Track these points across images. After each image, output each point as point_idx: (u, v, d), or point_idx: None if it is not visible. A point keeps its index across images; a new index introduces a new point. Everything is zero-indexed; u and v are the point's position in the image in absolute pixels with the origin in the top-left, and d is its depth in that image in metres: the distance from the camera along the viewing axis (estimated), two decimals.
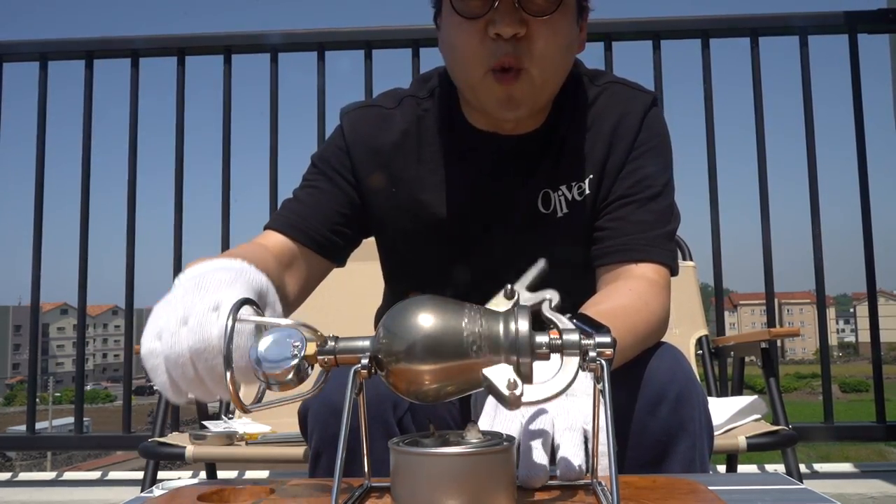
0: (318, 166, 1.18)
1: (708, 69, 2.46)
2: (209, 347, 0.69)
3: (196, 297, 0.72)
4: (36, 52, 2.57)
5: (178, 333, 0.70)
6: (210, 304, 0.71)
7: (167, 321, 0.71)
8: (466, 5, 1.03)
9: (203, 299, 0.71)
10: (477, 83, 1.06)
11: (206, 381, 0.71)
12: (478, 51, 1.03)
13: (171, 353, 0.70)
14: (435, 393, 0.65)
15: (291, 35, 2.57)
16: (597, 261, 1.11)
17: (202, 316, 0.70)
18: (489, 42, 1.02)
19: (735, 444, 1.52)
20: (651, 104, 1.16)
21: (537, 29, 1.02)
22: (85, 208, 2.52)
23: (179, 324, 0.71)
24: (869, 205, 2.40)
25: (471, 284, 1.13)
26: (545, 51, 1.03)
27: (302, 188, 1.18)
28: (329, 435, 0.95)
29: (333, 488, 0.62)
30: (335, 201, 1.15)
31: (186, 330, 0.70)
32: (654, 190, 1.11)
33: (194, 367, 0.70)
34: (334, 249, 1.15)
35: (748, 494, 0.75)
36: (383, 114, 1.17)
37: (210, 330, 0.70)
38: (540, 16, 1.01)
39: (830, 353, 2.51)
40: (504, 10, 1.00)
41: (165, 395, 0.73)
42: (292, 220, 1.13)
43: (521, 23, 1.01)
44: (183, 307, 0.72)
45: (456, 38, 1.06)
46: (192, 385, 0.71)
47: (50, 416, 37.13)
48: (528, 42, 1.02)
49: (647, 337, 1.00)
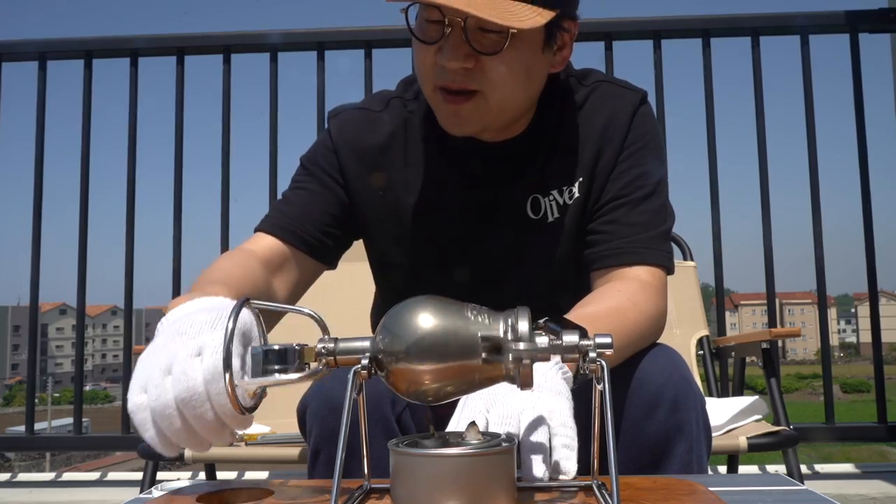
0: (307, 168, 1.17)
1: (708, 69, 2.46)
2: (195, 395, 0.68)
3: (178, 343, 0.70)
4: (35, 52, 2.56)
5: (163, 385, 0.69)
6: (192, 350, 0.69)
7: (151, 372, 0.70)
8: (422, 28, 1.03)
9: (185, 346, 0.70)
10: (430, 97, 1.07)
11: (195, 428, 0.69)
12: (430, 71, 1.03)
13: (158, 405, 0.69)
14: (435, 393, 0.65)
15: (291, 35, 2.57)
16: (591, 265, 1.11)
17: (185, 363, 0.69)
18: (439, 66, 1.01)
19: (736, 444, 1.52)
20: (640, 102, 1.15)
21: (489, 62, 1.00)
22: (84, 208, 2.52)
23: (163, 374, 0.69)
24: (870, 204, 2.40)
25: (460, 288, 1.13)
26: (500, 79, 1.01)
27: (291, 189, 1.17)
28: (328, 431, 0.95)
29: (333, 490, 0.62)
30: (325, 202, 1.14)
31: (171, 380, 0.69)
32: (646, 190, 1.11)
33: (182, 416, 0.69)
34: (325, 251, 1.15)
35: (749, 495, 0.75)
36: (371, 116, 1.17)
37: (194, 377, 0.68)
38: (487, 54, 0.99)
39: (831, 354, 2.51)
40: (453, 44, 0.99)
41: (157, 449, 0.72)
42: (282, 222, 1.12)
43: (468, 57, 0.99)
44: (166, 356, 0.70)
45: (415, 53, 1.07)
46: (181, 436, 0.70)
47: (49, 416, 37.12)
48: (479, 72, 1.01)
49: (638, 338, 0.99)
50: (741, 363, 2.08)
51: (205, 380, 0.68)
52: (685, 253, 2.24)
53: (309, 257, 1.13)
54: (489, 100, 1.02)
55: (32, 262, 2.50)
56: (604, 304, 1.00)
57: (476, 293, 0.83)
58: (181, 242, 2.48)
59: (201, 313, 0.74)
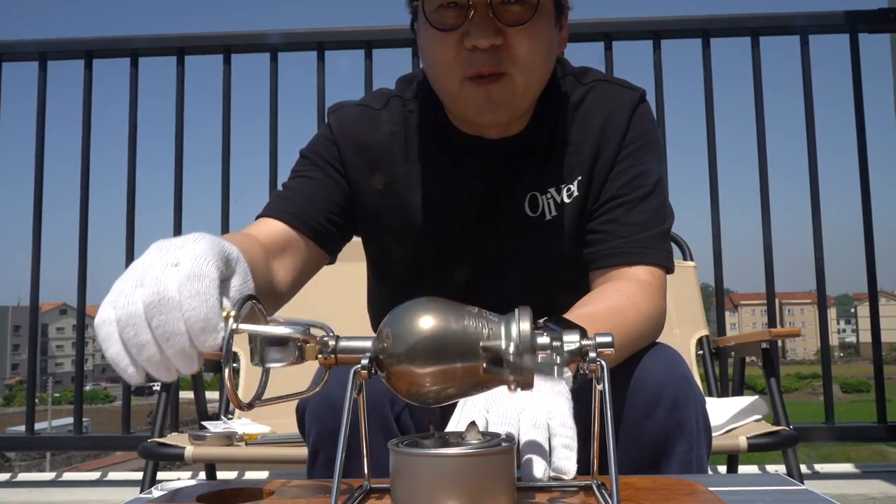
0: (308, 158, 1.17)
1: (708, 69, 2.46)
2: (164, 299, 0.63)
3: (155, 256, 0.66)
4: (35, 52, 2.57)
5: (133, 294, 0.64)
6: (169, 260, 0.65)
7: (123, 285, 0.65)
8: (440, 17, 1.01)
9: (162, 258, 0.65)
10: (455, 91, 1.05)
11: (161, 344, 0.63)
12: (454, 62, 1.02)
13: (124, 314, 0.63)
14: (435, 395, 0.65)
15: (291, 35, 2.57)
16: (590, 265, 1.11)
17: (159, 272, 0.64)
18: (465, 53, 1.01)
19: (736, 444, 1.52)
20: (639, 101, 1.14)
21: (515, 37, 1.00)
22: (84, 208, 2.52)
23: (135, 286, 0.64)
24: (870, 204, 2.40)
25: (458, 285, 1.13)
26: (526, 57, 1.02)
27: (292, 179, 1.16)
28: (327, 431, 0.95)
29: (333, 489, 0.62)
30: (328, 190, 1.13)
31: (142, 290, 0.64)
32: (645, 189, 1.10)
33: (149, 326, 0.63)
34: (329, 238, 1.13)
35: (749, 495, 0.75)
36: (371, 114, 1.16)
37: (166, 283, 0.63)
38: (516, 25, 1.00)
39: (831, 354, 2.51)
40: (479, 22, 0.99)
41: (119, 370, 0.65)
42: (287, 207, 1.11)
43: (496, 33, 0.99)
44: (140, 269, 0.66)
45: (431, 49, 1.05)
46: (146, 351, 0.64)
47: (49, 416, 37.11)
48: (506, 50, 1.01)
49: (638, 338, 0.99)
50: (741, 363, 2.09)
51: (179, 285, 0.63)
52: (685, 253, 2.24)
53: (312, 242, 1.11)
54: (515, 80, 1.03)
55: (33, 262, 2.50)
56: (603, 304, 1.00)
57: (474, 290, 0.83)
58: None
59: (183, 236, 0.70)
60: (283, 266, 1.07)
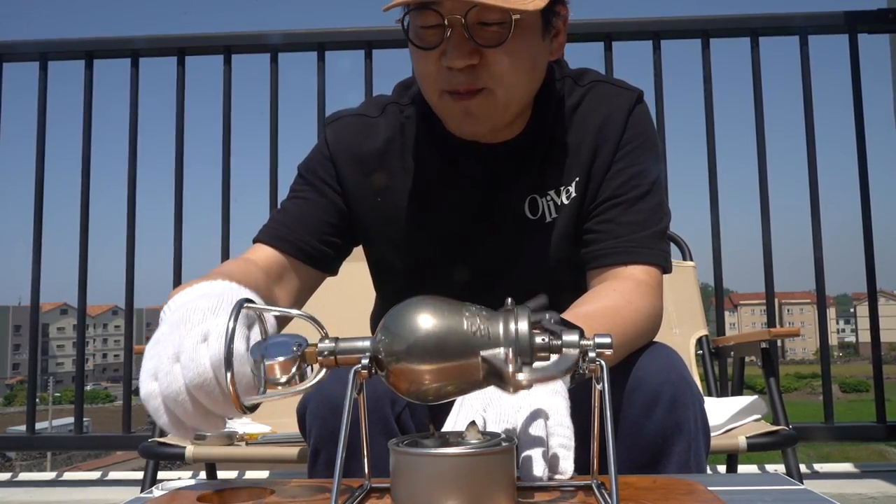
0: (304, 177, 1.18)
1: (708, 69, 2.46)
2: (206, 381, 0.70)
3: (183, 331, 0.73)
4: (36, 52, 2.56)
5: (173, 372, 0.71)
6: (197, 337, 0.72)
7: (160, 361, 0.72)
8: (420, 36, 1.02)
9: (190, 333, 0.72)
10: (436, 103, 1.07)
11: (210, 410, 0.72)
12: (435, 77, 1.03)
13: (170, 392, 0.71)
14: (435, 393, 0.65)
15: (291, 35, 2.57)
16: (587, 264, 1.11)
17: (192, 351, 0.71)
18: (444, 70, 1.01)
19: (735, 444, 1.52)
20: (636, 102, 1.15)
21: (493, 56, 1.00)
22: (85, 208, 2.52)
23: (172, 362, 0.72)
24: (869, 204, 2.40)
25: (460, 292, 1.13)
26: (506, 73, 1.02)
27: (289, 199, 1.18)
28: (327, 431, 0.95)
29: (333, 489, 0.62)
30: (323, 211, 1.15)
31: (180, 367, 0.71)
32: (642, 189, 1.11)
33: (194, 401, 0.71)
34: (324, 260, 1.15)
35: (748, 495, 0.75)
36: (367, 122, 1.17)
37: (203, 362, 0.70)
38: (492, 46, 0.99)
39: (831, 353, 2.51)
40: (455, 43, 0.99)
41: (171, 433, 0.74)
42: (281, 232, 1.13)
43: (472, 53, 0.99)
44: (172, 344, 0.72)
45: (415, 62, 1.07)
46: (196, 419, 0.72)
47: (50, 416, 37.11)
48: (484, 68, 1.01)
49: (635, 337, 0.99)
50: (740, 363, 2.09)
51: (212, 364, 0.70)
52: (684, 253, 2.24)
53: (307, 266, 1.14)
54: (496, 94, 1.03)
55: (33, 262, 2.50)
56: (599, 304, 1.01)
57: (475, 294, 0.83)
58: (182, 242, 2.48)
59: (203, 300, 0.76)
60: (283, 290, 1.11)
